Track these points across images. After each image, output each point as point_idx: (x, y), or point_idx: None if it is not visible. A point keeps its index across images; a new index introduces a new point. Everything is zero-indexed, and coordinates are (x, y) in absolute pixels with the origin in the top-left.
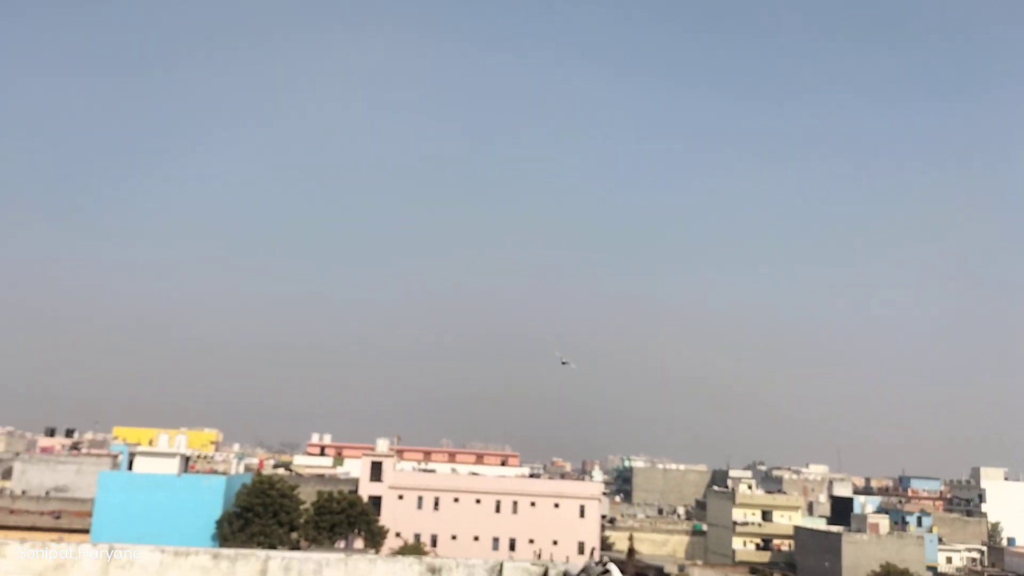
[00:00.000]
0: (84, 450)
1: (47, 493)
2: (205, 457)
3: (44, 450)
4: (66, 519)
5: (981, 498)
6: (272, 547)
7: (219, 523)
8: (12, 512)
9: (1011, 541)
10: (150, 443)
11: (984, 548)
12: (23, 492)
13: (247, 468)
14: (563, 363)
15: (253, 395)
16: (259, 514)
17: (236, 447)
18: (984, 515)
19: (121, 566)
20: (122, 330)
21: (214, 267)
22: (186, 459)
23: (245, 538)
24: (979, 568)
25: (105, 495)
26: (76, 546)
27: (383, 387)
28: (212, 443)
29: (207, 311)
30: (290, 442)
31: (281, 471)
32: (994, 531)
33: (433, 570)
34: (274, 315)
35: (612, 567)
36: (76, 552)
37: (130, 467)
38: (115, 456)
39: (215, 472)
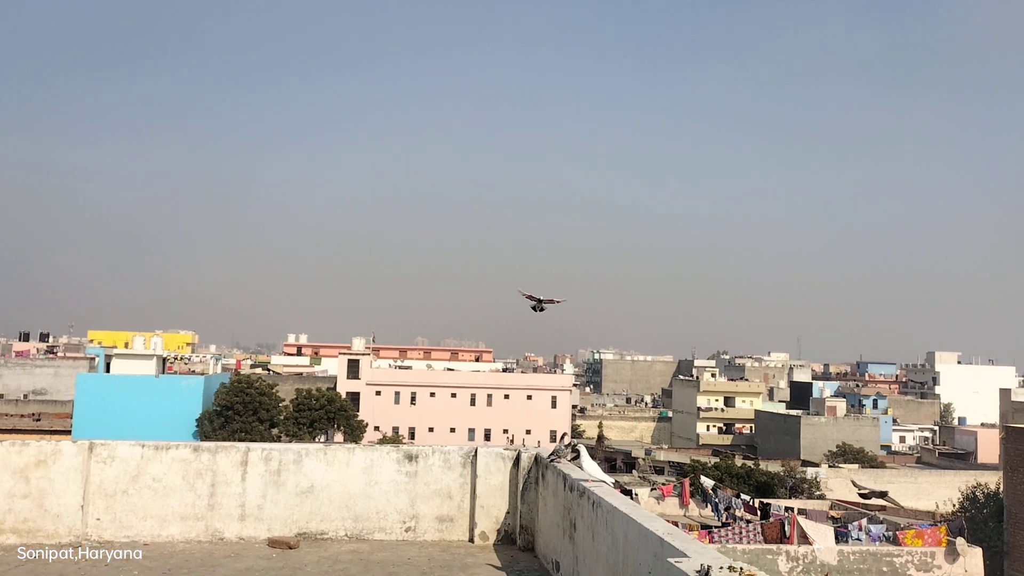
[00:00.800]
0: (60, 354)
1: (25, 396)
2: (182, 359)
3: (19, 354)
4: (46, 421)
5: (935, 381)
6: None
7: (199, 421)
8: None
9: (962, 420)
10: (126, 346)
11: (936, 428)
12: (1, 396)
13: (224, 369)
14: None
15: (227, 297)
16: (239, 412)
17: (212, 348)
18: (937, 397)
19: (103, 460)
20: (92, 232)
21: (181, 168)
22: (163, 361)
23: (226, 435)
24: (930, 446)
25: (84, 397)
26: (57, 443)
27: (357, 287)
28: (188, 345)
29: (178, 212)
30: (266, 343)
31: (259, 371)
32: (946, 412)
33: (410, 457)
34: (248, 215)
35: (581, 448)
36: (57, 448)
37: (107, 370)
38: (92, 359)
39: (193, 373)
